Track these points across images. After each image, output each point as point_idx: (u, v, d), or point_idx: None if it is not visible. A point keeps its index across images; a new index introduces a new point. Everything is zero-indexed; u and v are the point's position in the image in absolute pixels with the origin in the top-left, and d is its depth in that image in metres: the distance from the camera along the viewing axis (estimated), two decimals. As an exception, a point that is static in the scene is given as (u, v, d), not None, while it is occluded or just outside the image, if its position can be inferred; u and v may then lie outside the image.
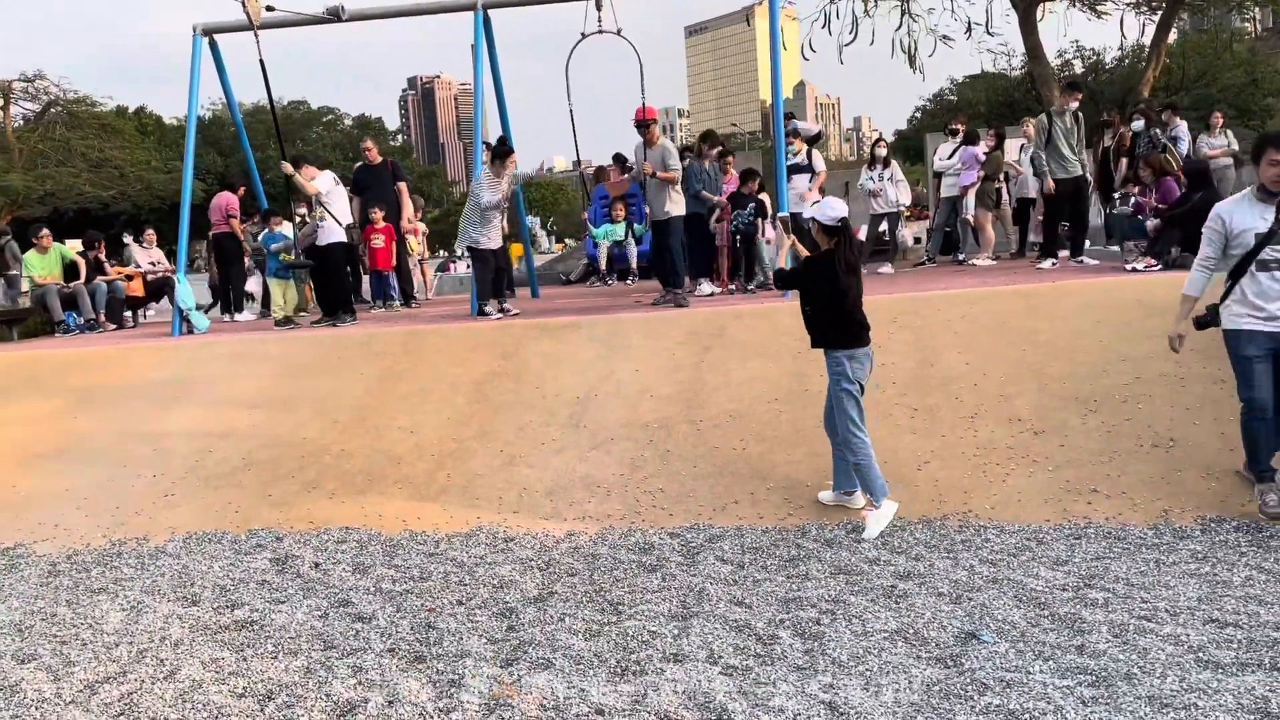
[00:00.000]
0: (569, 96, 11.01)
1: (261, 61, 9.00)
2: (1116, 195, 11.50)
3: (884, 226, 12.55)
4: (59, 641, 4.74)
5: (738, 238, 10.74)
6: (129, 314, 12.83)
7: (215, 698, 3.98)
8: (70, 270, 12.14)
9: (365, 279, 12.80)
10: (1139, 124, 11.16)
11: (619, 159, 13.88)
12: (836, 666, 3.88)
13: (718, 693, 3.72)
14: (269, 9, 8.90)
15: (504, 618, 4.69)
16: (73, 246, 13.35)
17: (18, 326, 11.81)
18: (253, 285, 12.83)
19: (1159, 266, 8.82)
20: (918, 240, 15.52)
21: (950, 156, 12.14)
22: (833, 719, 3.47)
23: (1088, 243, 11.25)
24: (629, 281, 10.49)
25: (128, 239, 14.66)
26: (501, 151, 9.81)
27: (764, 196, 10.91)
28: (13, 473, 7.37)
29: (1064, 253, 10.89)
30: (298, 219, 11.71)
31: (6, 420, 8.17)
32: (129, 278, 12.64)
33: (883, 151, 12.36)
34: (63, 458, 7.52)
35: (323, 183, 10.12)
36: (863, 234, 12.77)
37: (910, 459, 6.21)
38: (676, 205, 9.49)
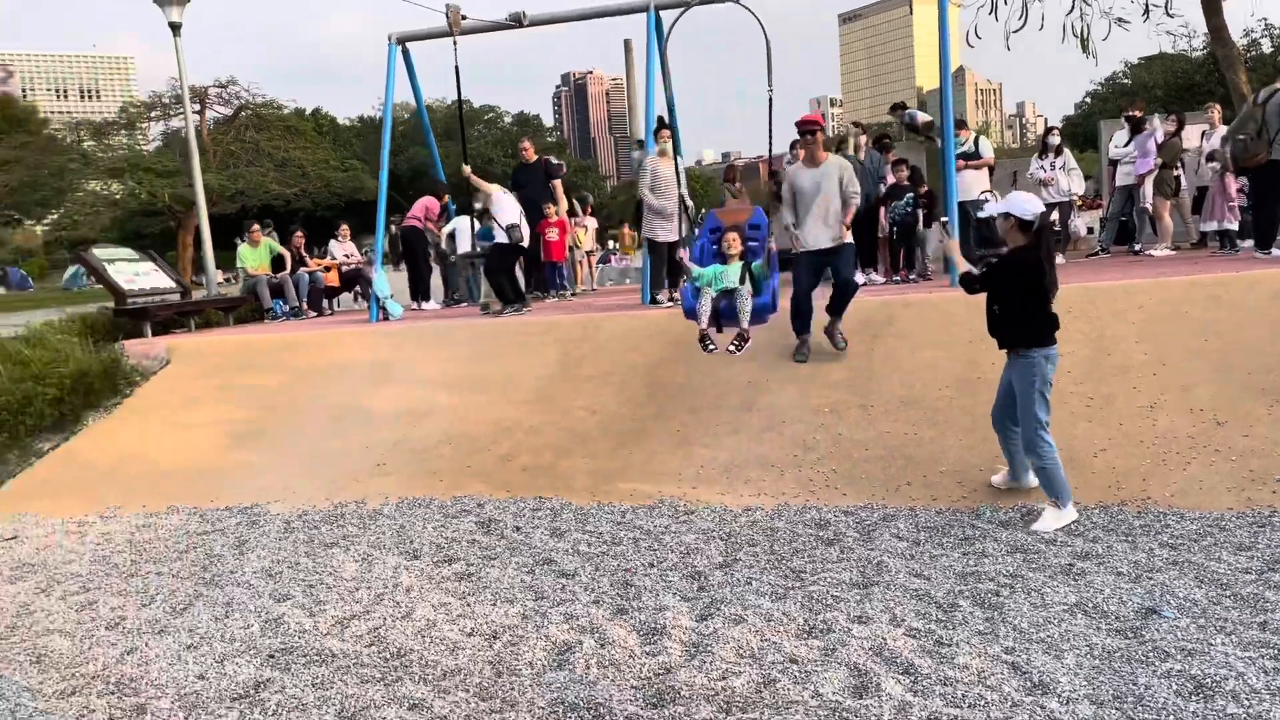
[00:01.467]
0: (668, 84, 8.99)
1: (456, 68, 9.72)
2: None
3: (1055, 216, 12.35)
4: (307, 585, 5.44)
5: (895, 229, 10.86)
6: (326, 302, 13.97)
7: (449, 634, 4.54)
8: (276, 262, 13.34)
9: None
10: None
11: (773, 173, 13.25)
12: (1017, 633, 4.11)
13: (903, 650, 4.01)
14: (464, 17, 9.62)
15: (694, 580, 5.09)
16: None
17: (233, 313, 13.07)
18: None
19: (1356, 256, 8.45)
20: (1090, 230, 15.12)
21: (1127, 144, 11.86)
22: (1016, 678, 3.71)
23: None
24: (734, 349, 7.00)
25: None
26: (655, 128, 10.12)
27: (925, 188, 10.97)
28: (245, 442, 8.28)
29: (1247, 242, 10.50)
30: (476, 212, 12.48)
31: (234, 395, 9.14)
32: (327, 269, 13.79)
33: (1055, 140, 12.17)
34: (285, 429, 8.40)
35: (494, 193, 10.95)
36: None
37: (1086, 446, 6.28)
38: None
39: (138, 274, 12.20)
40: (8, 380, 9.03)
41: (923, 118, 12.00)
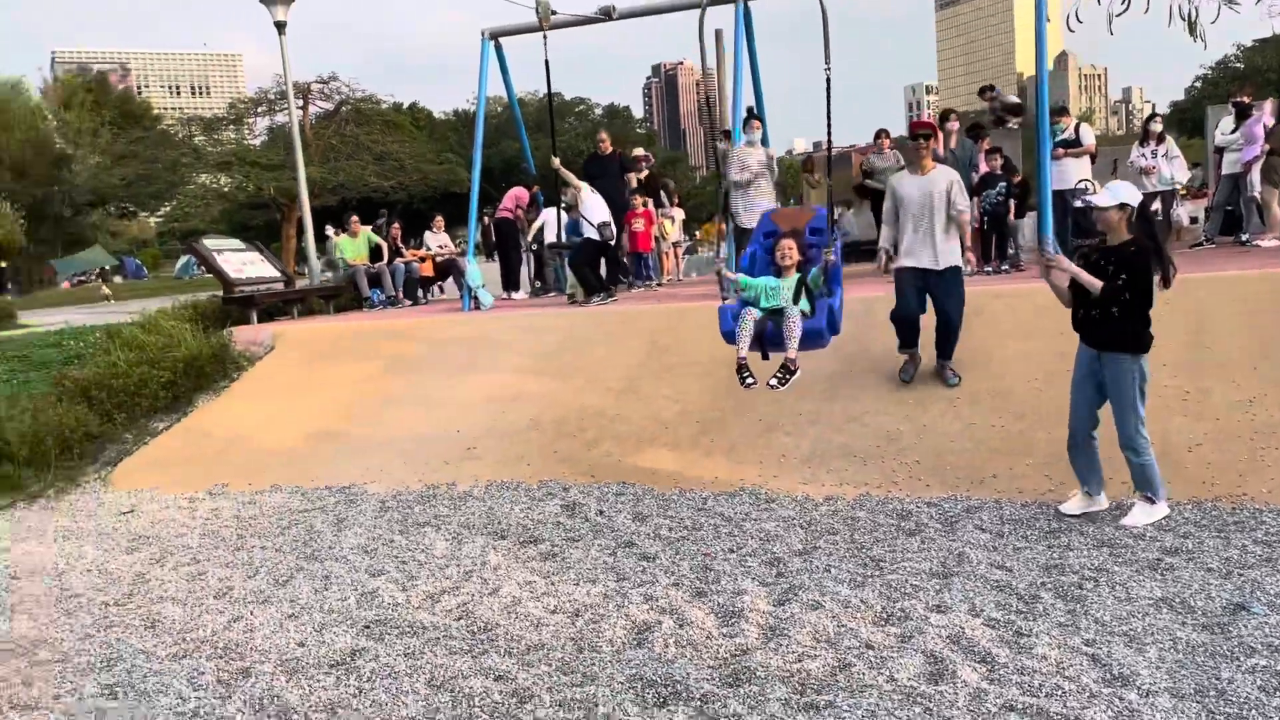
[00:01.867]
0: (703, 71, 8.26)
1: (546, 62, 9.93)
2: None
3: (1157, 205, 11.97)
4: (400, 561, 5.68)
5: (986, 218, 10.66)
6: (421, 291, 14.39)
7: (533, 611, 4.71)
8: (374, 252, 13.80)
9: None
10: None
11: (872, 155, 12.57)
12: (1099, 626, 4.07)
13: (981, 639, 4.02)
14: (554, 12, 9.81)
15: (772, 565, 5.16)
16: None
17: (333, 302, 13.56)
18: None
19: None
20: (1194, 220, 14.59)
21: (1233, 130, 11.42)
22: (1096, 670, 3.69)
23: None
24: (777, 382, 5.86)
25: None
26: (744, 117, 10.16)
27: (1019, 177, 10.75)
28: (343, 425, 8.63)
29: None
30: (563, 205, 12.69)
31: (334, 381, 9.51)
32: (422, 259, 14.20)
33: (1157, 127, 11.80)
34: (381, 413, 8.71)
35: (582, 191, 11.12)
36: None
37: (1180, 441, 6.13)
38: None
39: (245, 264, 12.76)
40: (125, 364, 9.57)
41: (1011, 99, 11.74)
